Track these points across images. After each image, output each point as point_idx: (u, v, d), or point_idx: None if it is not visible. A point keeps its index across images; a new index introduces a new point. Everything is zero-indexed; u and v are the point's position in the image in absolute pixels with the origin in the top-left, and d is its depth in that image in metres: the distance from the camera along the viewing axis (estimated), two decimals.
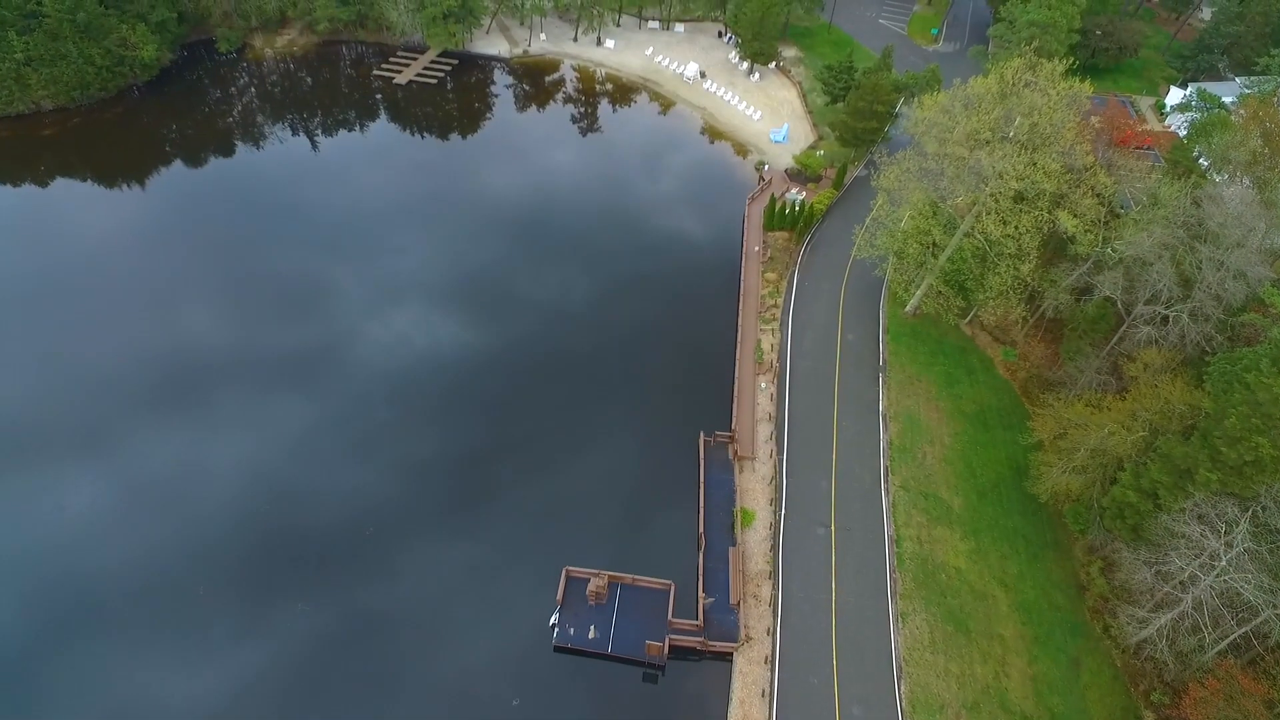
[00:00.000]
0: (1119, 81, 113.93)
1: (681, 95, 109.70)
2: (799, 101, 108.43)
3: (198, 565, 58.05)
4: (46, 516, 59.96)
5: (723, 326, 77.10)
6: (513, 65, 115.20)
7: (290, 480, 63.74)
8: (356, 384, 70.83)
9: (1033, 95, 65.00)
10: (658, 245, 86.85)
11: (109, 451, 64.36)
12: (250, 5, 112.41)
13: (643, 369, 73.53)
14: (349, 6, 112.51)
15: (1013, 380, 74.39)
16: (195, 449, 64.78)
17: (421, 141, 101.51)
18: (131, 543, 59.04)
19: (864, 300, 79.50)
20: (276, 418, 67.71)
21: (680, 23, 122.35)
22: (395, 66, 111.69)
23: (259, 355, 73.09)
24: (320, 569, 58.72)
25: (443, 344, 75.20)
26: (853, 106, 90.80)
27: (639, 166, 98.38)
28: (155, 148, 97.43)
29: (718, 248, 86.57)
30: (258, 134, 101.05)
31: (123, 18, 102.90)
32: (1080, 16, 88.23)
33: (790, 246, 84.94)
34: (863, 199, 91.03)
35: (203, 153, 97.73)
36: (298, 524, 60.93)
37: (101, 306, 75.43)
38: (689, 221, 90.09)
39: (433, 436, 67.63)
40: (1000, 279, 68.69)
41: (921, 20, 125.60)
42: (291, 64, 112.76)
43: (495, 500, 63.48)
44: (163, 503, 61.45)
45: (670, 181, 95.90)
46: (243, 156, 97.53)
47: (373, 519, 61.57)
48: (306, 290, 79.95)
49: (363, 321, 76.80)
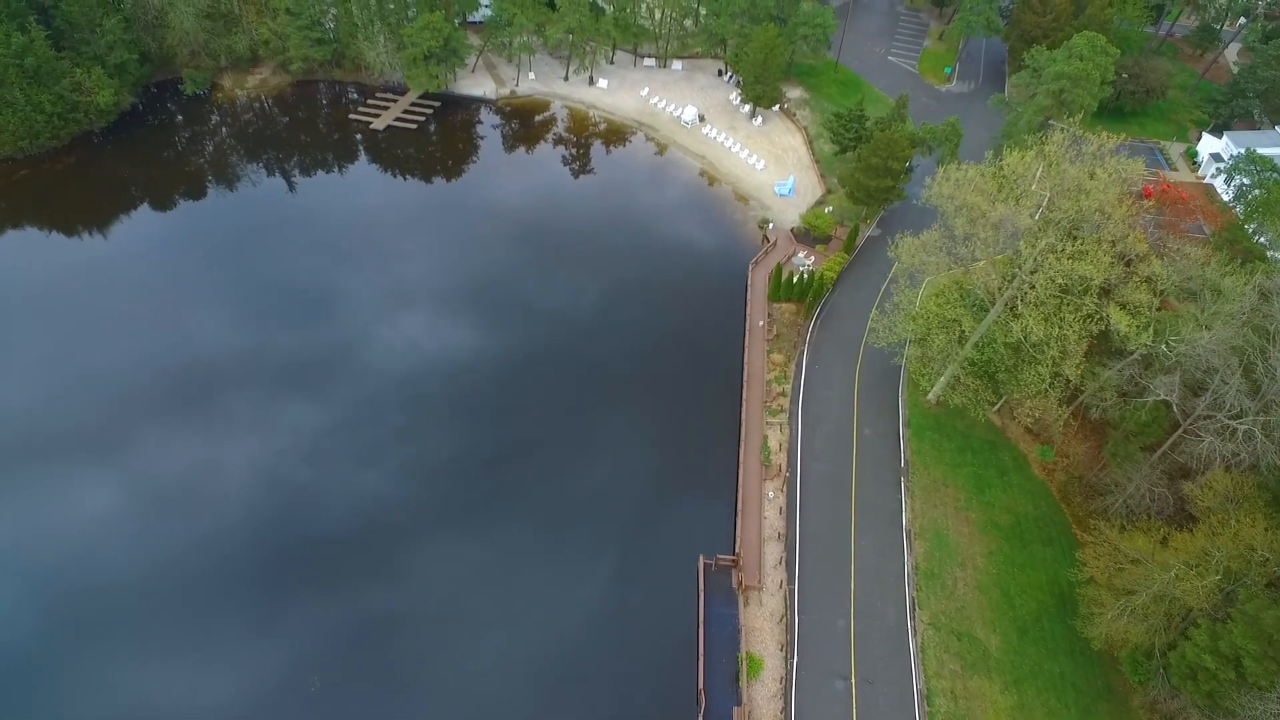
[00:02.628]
0: (1145, 125, 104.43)
1: (679, 141, 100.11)
2: (805, 149, 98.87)
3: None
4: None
5: (724, 419, 67.51)
6: (499, 107, 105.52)
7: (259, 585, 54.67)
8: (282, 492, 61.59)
9: (1078, 174, 55.66)
10: (651, 319, 76.99)
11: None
12: (220, 44, 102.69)
13: (632, 475, 63.68)
14: (324, 45, 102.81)
15: (1049, 482, 64.91)
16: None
17: (397, 194, 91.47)
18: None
19: (881, 386, 70.01)
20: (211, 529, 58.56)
21: (678, 60, 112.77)
22: (373, 110, 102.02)
23: (207, 429, 64.12)
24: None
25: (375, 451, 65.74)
26: (865, 162, 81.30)
27: (632, 224, 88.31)
28: (109, 200, 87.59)
29: (718, 321, 76.86)
30: (221, 185, 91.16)
31: (78, 60, 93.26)
32: (1113, 67, 78.93)
33: (798, 321, 75.43)
34: (876, 263, 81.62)
35: (161, 205, 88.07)
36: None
37: (43, 373, 66.43)
38: (686, 289, 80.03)
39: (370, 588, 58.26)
40: (1038, 375, 59.37)
41: (933, 57, 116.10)
42: (262, 106, 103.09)
43: (452, 668, 53.62)
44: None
45: (666, 242, 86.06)
46: (204, 209, 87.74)
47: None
48: (264, 357, 70.71)
49: (317, 402, 67.46)
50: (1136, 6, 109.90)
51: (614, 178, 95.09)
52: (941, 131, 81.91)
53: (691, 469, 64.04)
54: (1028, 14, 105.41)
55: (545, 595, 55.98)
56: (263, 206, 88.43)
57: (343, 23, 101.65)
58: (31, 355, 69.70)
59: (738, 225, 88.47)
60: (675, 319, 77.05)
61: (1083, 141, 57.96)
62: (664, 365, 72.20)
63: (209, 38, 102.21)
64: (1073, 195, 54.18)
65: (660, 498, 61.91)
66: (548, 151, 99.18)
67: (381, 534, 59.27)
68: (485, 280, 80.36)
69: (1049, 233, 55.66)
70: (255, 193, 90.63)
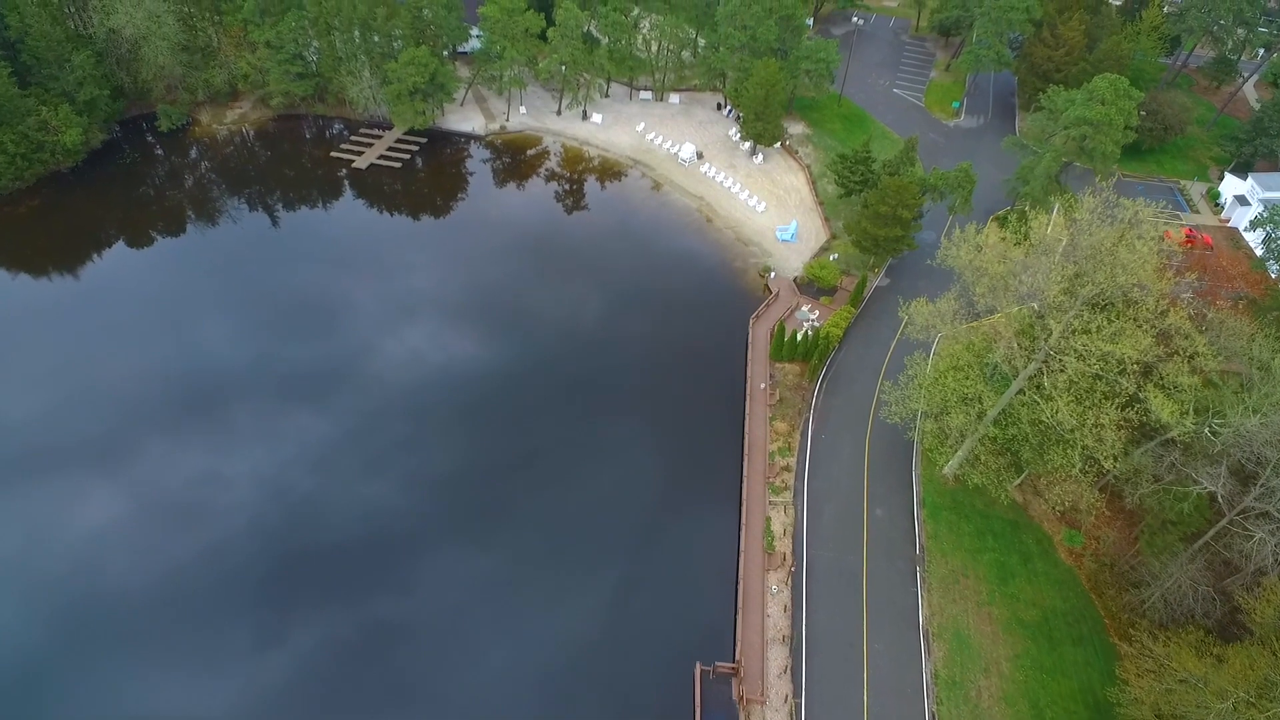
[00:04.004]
0: (1163, 164, 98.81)
1: (676, 180, 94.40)
2: (808, 189, 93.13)
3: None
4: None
5: (724, 497, 61.41)
6: (489, 143, 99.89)
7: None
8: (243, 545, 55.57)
9: (1112, 242, 49.68)
10: (645, 379, 70.74)
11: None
12: (197, 78, 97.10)
13: (625, 566, 57.33)
14: (306, 80, 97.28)
15: (1078, 568, 58.74)
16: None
17: (378, 239, 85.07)
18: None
19: (893, 459, 63.96)
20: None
21: (675, 93, 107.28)
22: (356, 147, 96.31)
23: (168, 482, 58.14)
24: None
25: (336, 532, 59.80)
26: (873, 210, 75.51)
27: (626, 273, 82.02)
28: (75, 244, 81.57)
29: (716, 383, 70.83)
30: (194, 227, 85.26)
31: (44, 97, 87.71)
32: (1136, 111, 73.23)
33: (803, 384, 69.44)
34: (885, 316, 75.75)
35: (130, 248, 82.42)
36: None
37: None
38: (682, 346, 73.88)
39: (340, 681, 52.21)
40: (1067, 459, 53.39)
41: (940, 90, 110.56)
42: (241, 142, 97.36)
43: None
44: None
45: (661, 292, 79.81)
46: (176, 252, 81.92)
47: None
48: (237, 402, 65.07)
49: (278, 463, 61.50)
50: (1151, 39, 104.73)
51: (607, 221, 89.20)
52: (954, 178, 76.13)
53: (688, 557, 57.79)
54: (1039, 47, 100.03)
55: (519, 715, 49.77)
56: (237, 250, 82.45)
57: (325, 56, 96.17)
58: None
59: (738, 274, 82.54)
60: (671, 379, 70.98)
61: (1115, 205, 52.26)
62: (659, 435, 66.08)
63: (186, 71, 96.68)
64: (1106, 267, 48.32)
65: (654, 592, 55.66)
66: (538, 193, 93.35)
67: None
68: (467, 331, 74.48)
69: (1076, 305, 49.86)
70: (230, 235, 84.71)
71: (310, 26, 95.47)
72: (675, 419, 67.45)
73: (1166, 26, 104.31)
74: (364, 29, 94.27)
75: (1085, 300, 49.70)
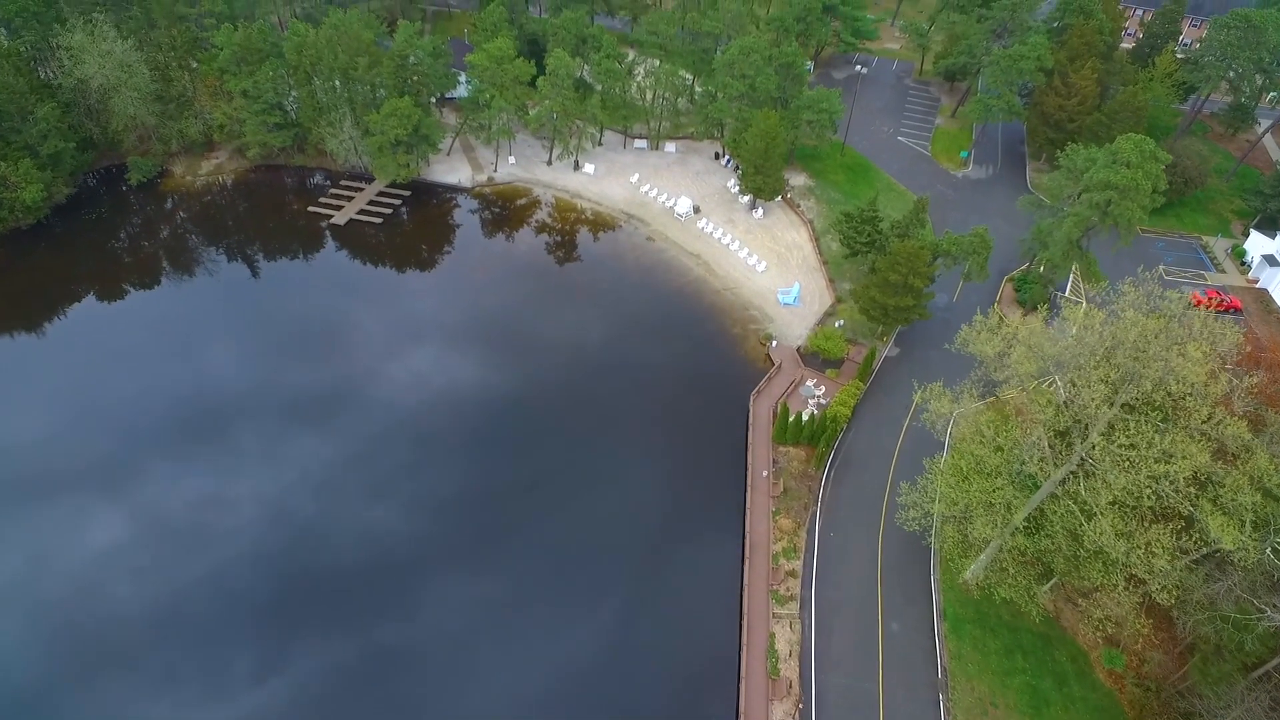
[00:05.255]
0: (1183, 217, 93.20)
1: (671, 236, 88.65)
2: (810, 246, 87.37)
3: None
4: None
5: (723, 609, 54.67)
6: (475, 195, 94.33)
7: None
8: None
9: (1157, 342, 43.60)
10: (635, 464, 64.25)
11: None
12: (171, 129, 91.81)
13: (610, 701, 50.81)
14: (284, 131, 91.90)
15: (1119, 692, 51.85)
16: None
17: (353, 304, 78.54)
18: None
19: (909, 562, 57.22)
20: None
21: (671, 141, 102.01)
22: (335, 201, 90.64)
23: (105, 573, 51.44)
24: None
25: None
26: (882, 277, 69.59)
27: (617, 339, 75.77)
28: (31, 307, 75.65)
29: (714, 469, 64.27)
30: (158, 288, 79.26)
31: (5, 151, 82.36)
32: (1164, 175, 67.63)
33: (809, 471, 63.00)
34: (897, 391, 69.47)
35: (88, 310, 76.39)
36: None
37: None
38: (676, 424, 67.35)
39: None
40: (1109, 577, 46.94)
41: (946, 137, 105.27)
42: (215, 196, 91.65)
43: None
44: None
45: (655, 362, 73.42)
46: (134, 316, 75.90)
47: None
48: (195, 476, 58.45)
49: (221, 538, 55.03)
50: (1165, 85, 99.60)
51: (599, 282, 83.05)
52: (968, 242, 70.28)
53: (678, 690, 50.87)
54: (1050, 96, 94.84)
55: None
56: (201, 314, 76.20)
57: (305, 106, 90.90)
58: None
59: (737, 341, 76.41)
60: (665, 464, 64.46)
61: (1155, 295, 46.29)
62: (653, 533, 59.40)
63: (159, 121, 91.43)
64: (1154, 372, 42.16)
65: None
66: (525, 251, 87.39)
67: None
68: (442, 405, 68.18)
69: (1115, 409, 43.68)
70: (195, 297, 78.61)
71: (290, 75, 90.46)
72: (670, 512, 60.90)
73: (1181, 73, 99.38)
74: (345, 78, 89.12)
75: (1125, 403, 43.65)
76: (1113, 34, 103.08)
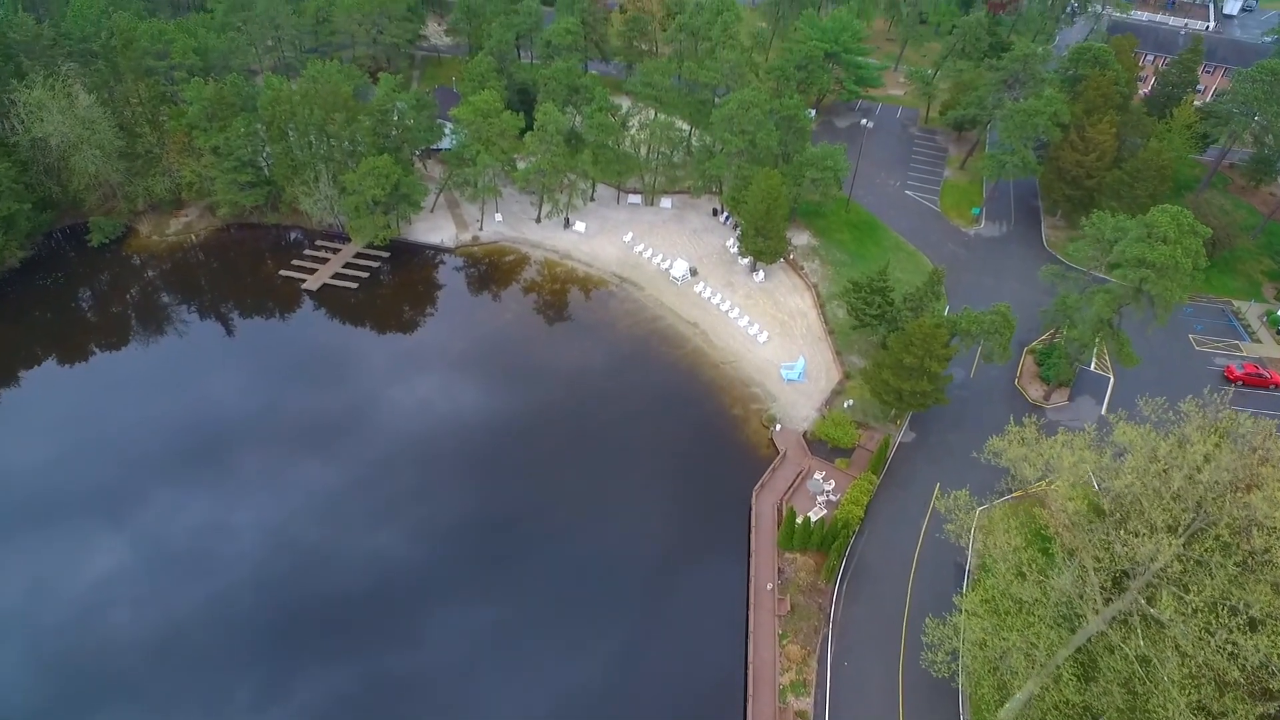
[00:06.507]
0: (1210, 279, 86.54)
1: (667, 302, 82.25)
2: (815, 312, 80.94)
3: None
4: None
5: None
6: (458, 255, 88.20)
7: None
8: None
9: (1232, 460, 36.99)
10: (620, 571, 57.18)
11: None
12: (137, 186, 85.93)
13: None
14: (257, 189, 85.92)
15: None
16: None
17: (320, 379, 71.99)
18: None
19: (935, 697, 49.94)
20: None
21: (667, 196, 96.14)
22: (309, 263, 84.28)
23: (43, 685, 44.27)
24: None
25: None
26: (895, 359, 63.11)
27: (605, 424, 68.66)
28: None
29: (711, 579, 56.90)
30: (110, 360, 72.88)
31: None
32: (1204, 251, 61.44)
33: (818, 584, 55.93)
34: (913, 484, 62.71)
35: (34, 385, 69.97)
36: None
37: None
38: (669, 527, 60.25)
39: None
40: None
41: (955, 191, 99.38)
42: (181, 258, 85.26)
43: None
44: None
45: (645, 447, 66.31)
46: (82, 390, 69.25)
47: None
48: (142, 566, 51.31)
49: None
50: (1184, 136, 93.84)
51: (588, 353, 76.29)
52: (989, 321, 63.82)
53: None
54: (1066, 151, 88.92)
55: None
56: (158, 388, 69.72)
57: (279, 163, 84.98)
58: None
59: (737, 423, 69.67)
60: (658, 574, 57.33)
61: (1222, 414, 39.76)
62: (641, 662, 52.32)
63: (125, 179, 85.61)
64: (1231, 516, 35.50)
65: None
66: (510, 319, 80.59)
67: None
68: (404, 502, 61.37)
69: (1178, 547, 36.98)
70: (153, 369, 72.24)
71: (264, 129, 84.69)
72: (665, 633, 53.82)
73: (1204, 125, 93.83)
74: (320, 134, 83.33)
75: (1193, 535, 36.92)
76: (1128, 84, 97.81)
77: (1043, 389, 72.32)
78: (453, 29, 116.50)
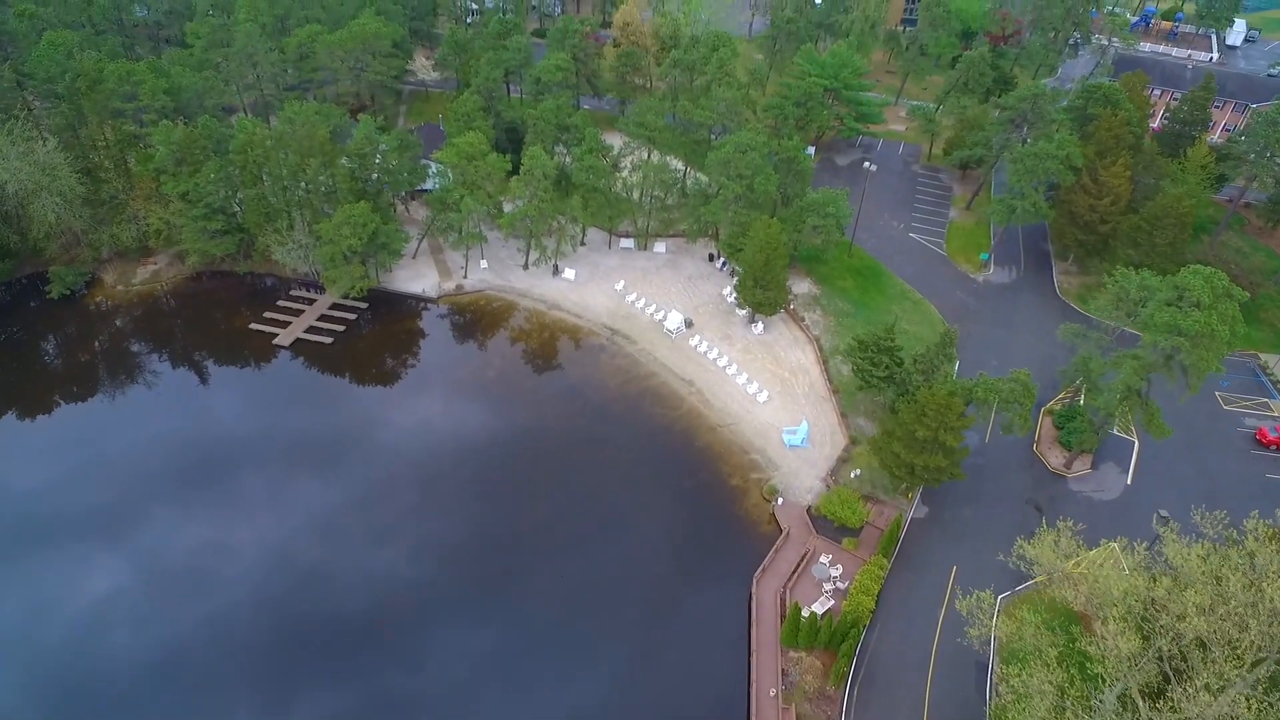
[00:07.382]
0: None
1: (660, 357, 77.12)
2: (817, 369, 75.79)
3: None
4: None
5: None
6: (441, 305, 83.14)
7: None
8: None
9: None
10: (606, 673, 51.63)
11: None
12: (102, 234, 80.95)
13: None
14: (228, 237, 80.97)
15: None
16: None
17: (285, 446, 66.47)
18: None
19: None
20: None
21: (660, 240, 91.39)
22: (282, 315, 79.03)
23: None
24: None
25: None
26: (905, 429, 57.91)
27: (591, 497, 63.36)
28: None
29: (708, 682, 51.27)
30: (63, 423, 67.61)
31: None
32: (1240, 314, 56.68)
33: (826, 687, 50.43)
34: (927, 567, 57.26)
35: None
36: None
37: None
38: (661, 617, 54.71)
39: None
40: None
41: (962, 233, 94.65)
42: (147, 308, 79.97)
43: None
44: None
45: (636, 526, 60.92)
46: (32, 455, 63.99)
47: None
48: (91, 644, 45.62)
49: None
50: (1198, 177, 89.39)
51: (575, 416, 70.55)
52: (1008, 390, 58.71)
53: None
54: (1079, 195, 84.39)
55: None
56: (113, 451, 64.52)
57: (251, 209, 79.99)
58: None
59: (736, 495, 64.26)
60: (648, 676, 51.74)
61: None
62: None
63: (89, 226, 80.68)
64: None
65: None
66: (493, 377, 74.93)
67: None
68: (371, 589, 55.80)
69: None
70: (109, 431, 66.90)
71: (238, 174, 79.85)
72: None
73: (1222, 166, 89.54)
74: (294, 179, 78.49)
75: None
76: (1140, 123, 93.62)
77: (1063, 455, 67.08)
78: (441, 63, 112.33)
